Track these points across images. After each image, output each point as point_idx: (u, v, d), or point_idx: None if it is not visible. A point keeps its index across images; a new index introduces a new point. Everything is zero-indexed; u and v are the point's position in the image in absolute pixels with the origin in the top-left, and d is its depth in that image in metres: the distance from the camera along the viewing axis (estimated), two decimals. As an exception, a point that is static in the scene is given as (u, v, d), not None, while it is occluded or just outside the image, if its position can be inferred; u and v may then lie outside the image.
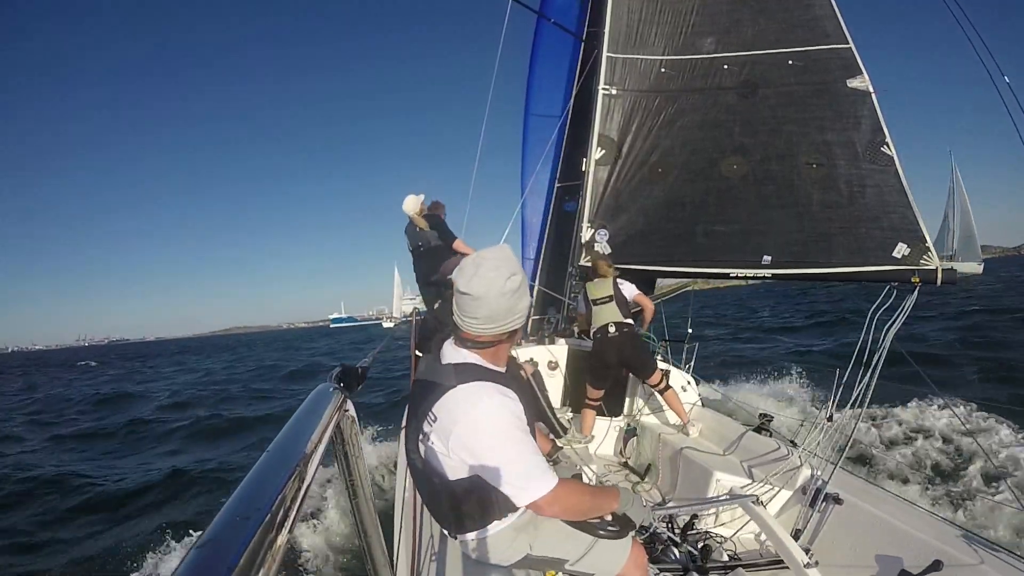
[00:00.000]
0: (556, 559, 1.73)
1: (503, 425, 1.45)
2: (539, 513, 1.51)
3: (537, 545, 1.71)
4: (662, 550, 2.64)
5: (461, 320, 1.51)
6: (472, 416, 1.45)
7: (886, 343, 2.82)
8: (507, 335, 1.55)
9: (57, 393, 19.15)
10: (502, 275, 1.45)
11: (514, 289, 1.48)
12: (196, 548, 0.48)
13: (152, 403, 14.30)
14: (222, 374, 22.21)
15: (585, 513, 1.59)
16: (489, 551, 1.70)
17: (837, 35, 3.87)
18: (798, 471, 3.02)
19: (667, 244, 3.96)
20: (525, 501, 1.45)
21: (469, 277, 1.46)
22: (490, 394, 1.46)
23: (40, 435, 10.78)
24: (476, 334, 1.51)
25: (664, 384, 4.00)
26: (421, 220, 4.84)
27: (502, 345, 1.57)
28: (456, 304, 1.51)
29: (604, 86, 4.22)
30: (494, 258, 1.49)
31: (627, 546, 1.76)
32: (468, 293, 1.46)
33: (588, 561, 1.72)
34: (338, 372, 1.17)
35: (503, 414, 1.46)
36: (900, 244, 3.34)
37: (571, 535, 1.69)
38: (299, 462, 0.67)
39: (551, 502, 1.44)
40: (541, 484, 1.43)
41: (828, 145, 3.70)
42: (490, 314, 1.47)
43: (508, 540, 1.67)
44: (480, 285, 1.45)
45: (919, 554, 2.25)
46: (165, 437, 9.80)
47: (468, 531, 1.67)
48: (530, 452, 1.46)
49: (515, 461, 1.44)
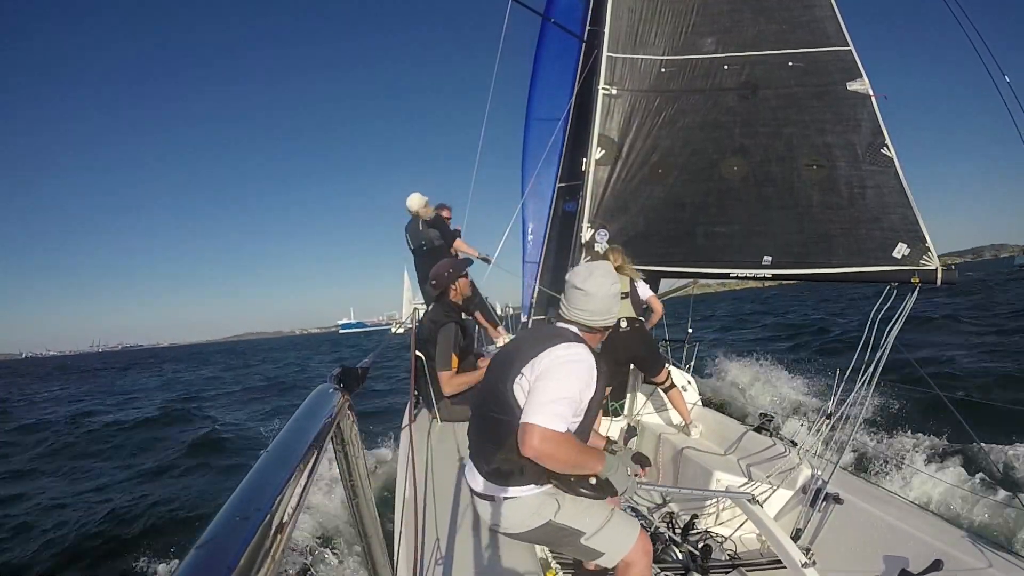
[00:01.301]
0: (575, 530, 1.83)
1: (579, 367, 1.73)
2: (525, 441, 1.62)
3: (561, 513, 1.82)
4: (663, 550, 2.64)
5: (571, 310, 1.87)
6: (569, 352, 1.75)
7: (888, 343, 2.82)
8: (603, 329, 1.91)
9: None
10: (609, 281, 1.86)
11: (616, 294, 1.88)
12: (196, 548, 0.48)
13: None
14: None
15: (569, 465, 1.73)
16: (516, 512, 1.82)
17: (838, 37, 3.87)
18: (798, 471, 3.02)
19: (667, 244, 3.96)
20: (528, 419, 1.63)
21: (585, 278, 1.85)
22: (584, 350, 1.78)
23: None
24: (584, 321, 1.85)
25: (669, 382, 4.00)
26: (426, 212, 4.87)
27: (596, 336, 1.91)
28: (569, 297, 1.88)
29: (604, 86, 4.21)
30: (604, 268, 1.90)
31: (634, 531, 1.86)
32: (583, 289, 1.83)
33: (601, 537, 1.82)
34: (338, 372, 1.17)
35: (585, 362, 1.74)
36: (900, 244, 3.34)
37: (590, 508, 1.83)
38: (299, 462, 0.67)
39: (543, 439, 1.61)
40: (548, 419, 1.62)
41: (828, 147, 3.70)
42: (597, 308, 1.84)
43: (536, 504, 1.82)
44: (593, 285, 1.83)
45: (920, 554, 2.25)
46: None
47: (510, 484, 1.81)
48: (570, 397, 1.69)
49: (557, 389, 1.68)
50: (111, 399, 17.10)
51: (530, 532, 1.86)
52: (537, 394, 1.67)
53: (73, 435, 10.35)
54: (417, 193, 4.88)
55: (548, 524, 1.82)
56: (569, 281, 1.88)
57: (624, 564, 1.83)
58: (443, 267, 3.92)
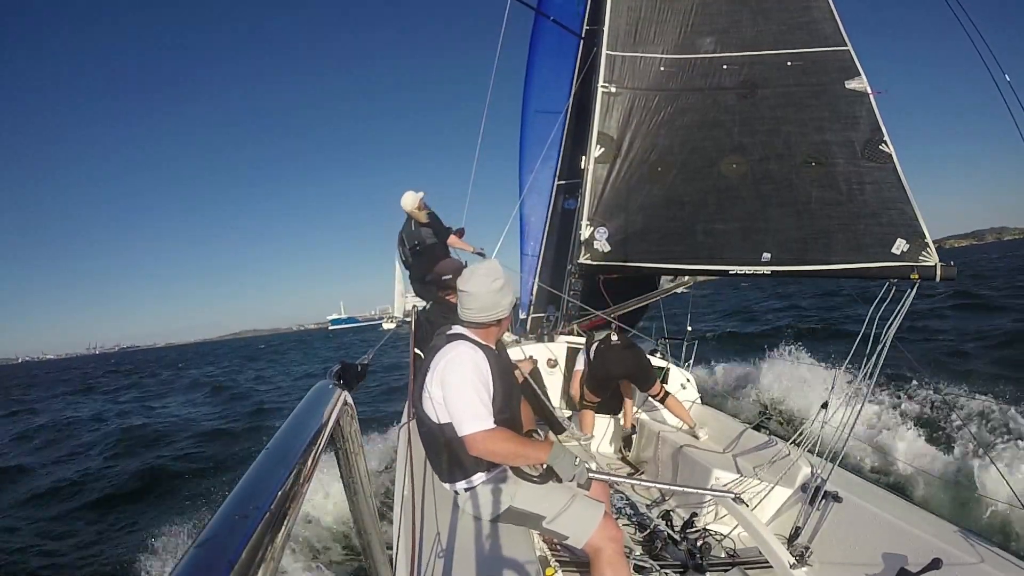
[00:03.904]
0: (535, 514, 2.02)
1: (463, 368, 1.94)
2: (470, 449, 1.87)
3: (519, 499, 2.03)
4: (661, 547, 2.65)
5: (461, 310, 2.09)
6: (447, 358, 1.97)
7: (887, 339, 2.82)
8: (495, 322, 2.10)
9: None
10: (489, 279, 2.06)
11: (498, 289, 2.06)
12: (195, 547, 0.47)
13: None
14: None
15: (511, 459, 1.95)
16: (478, 501, 2.05)
17: (835, 37, 3.88)
18: (797, 469, 3.02)
19: (667, 242, 3.96)
20: (462, 433, 1.86)
21: (467, 280, 2.08)
22: (463, 347, 2.00)
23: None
24: (471, 319, 2.08)
25: (663, 394, 4.01)
26: (420, 215, 4.81)
27: (491, 329, 2.12)
28: (458, 299, 2.09)
29: (603, 84, 4.21)
30: (485, 267, 2.14)
31: (598, 515, 1.98)
32: (465, 290, 2.06)
33: (562, 522, 1.98)
34: (338, 369, 1.16)
35: (466, 361, 1.95)
36: (899, 240, 3.34)
37: (548, 494, 2.00)
38: (298, 460, 0.66)
39: (479, 440, 1.83)
40: (476, 423, 1.84)
41: (827, 144, 3.70)
42: (481, 305, 2.05)
43: (492, 492, 2.04)
44: (474, 284, 2.05)
45: (919, 552, 2.25)
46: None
47: (457, 480, 2.08)
48: (476, 396, 1.89)
49: (461, 397, 1.89)
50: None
51: (499, 516, 2.07)
52: (452, 410, 1.90)
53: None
54: (410, 191, 4.80)
55: (509, 509, 2.04)
56: (457, 285, 2.11)
57: (592, 550, 1.94)
58: (447, 265, 3.91)
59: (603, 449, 4.39)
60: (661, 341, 5.36)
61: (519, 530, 2.14)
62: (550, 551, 2.47)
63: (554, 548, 2.50)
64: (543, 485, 1.98)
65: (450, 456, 2.03)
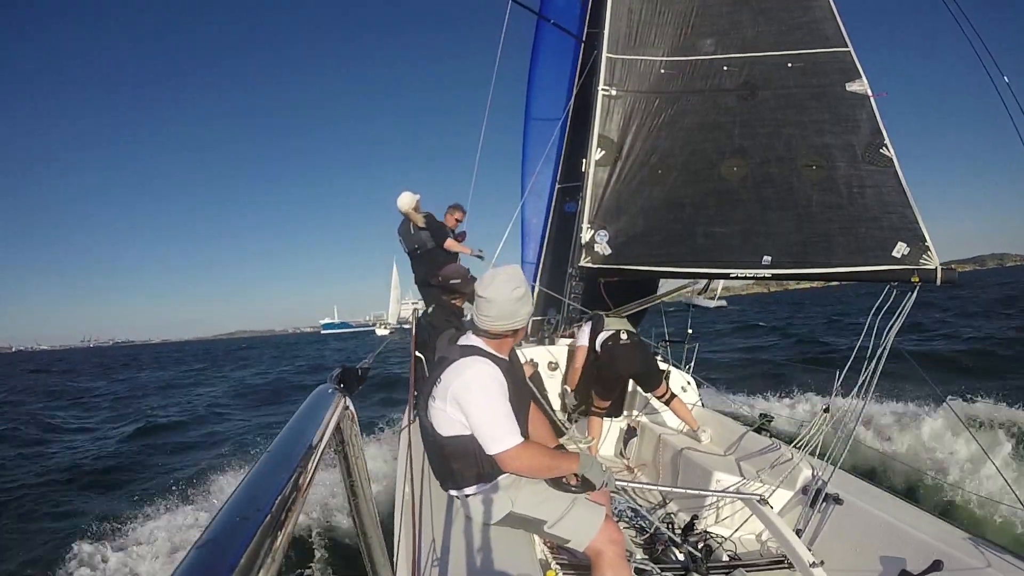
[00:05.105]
0: (537, 519, 2.00)
1: (484, 385, 1.87)
2: (503, 466, 1.85)
3: (519, 503, 2.01)
4: (663, 550, 2.64)
5: (477, 317, 1.98)
6: (464, 376, 1.89)
7: (887, 342, 2.82)
8: (511, 332, 2.00)
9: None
10: (510, 286, 1.93)
11: (518, 298, 1.94)
12: (196, 548, 0.48)
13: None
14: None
15: (545, 472, 1.92)
16: (481, 506, 2.03)
17: (836, 39, 3.87)
18: (798, 471, 3.02)
19: (667, 245, 3.95)
20: (492, 451, 1.82)
21: (486, 285, 1.95)
22: (480, 363, 1.91)
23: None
24: (487, 328, 1.96)
25: (669, 394, 4.01)
26: (417, 217, 4.78)
27: (506, 339, 2.02)
28: (475, 304, 1.99)
29: (604, 87, 4.21)
30: (506, 273, 1.98)
31: (599, 518, 1.96)
32: (484, 296, 1.93)
33: (563, 526, 1.97)
34: (338, 373, 1.17)
35: (485, 377, 1.89)
36: (900, 243, 3.34)
37: (548, 498, 1.99)
38: (299, 462, 0.67)
39: (513, 457, 1.81)
40: (506, 440, 1.81)
41: (827, 147, 3.70)
42: (499, 314, 1.93)
43: (494, 497, 2.02)
44: (494, 291, 1.93)
45: (920, 554, 2.25)
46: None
47: (461, 487, 2.05)
48: (502, 411, 1.85)
49: (488, 415, 1.84)
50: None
51: (501, 521, 2.05)
52: (479, 429, 1.86)
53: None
54: (407, 192, 4.76)
55: (510, 515, 2.03)
56: (475, 290, 2.01)
57: (593, 553, 1.94)
58: (454, 268, 3.90)
59: (603, 451, 4.38)
60: (662, 343, 5.36)
61: (520, 533, 2.14)
62: (551, 554, 2.47)
63: (555, 551, 2.50)
64: (541, 492, 1.99)
65: (452, 465, 2.02)
